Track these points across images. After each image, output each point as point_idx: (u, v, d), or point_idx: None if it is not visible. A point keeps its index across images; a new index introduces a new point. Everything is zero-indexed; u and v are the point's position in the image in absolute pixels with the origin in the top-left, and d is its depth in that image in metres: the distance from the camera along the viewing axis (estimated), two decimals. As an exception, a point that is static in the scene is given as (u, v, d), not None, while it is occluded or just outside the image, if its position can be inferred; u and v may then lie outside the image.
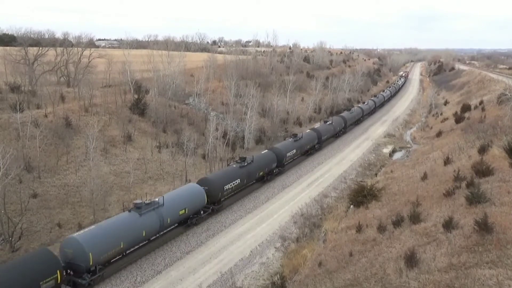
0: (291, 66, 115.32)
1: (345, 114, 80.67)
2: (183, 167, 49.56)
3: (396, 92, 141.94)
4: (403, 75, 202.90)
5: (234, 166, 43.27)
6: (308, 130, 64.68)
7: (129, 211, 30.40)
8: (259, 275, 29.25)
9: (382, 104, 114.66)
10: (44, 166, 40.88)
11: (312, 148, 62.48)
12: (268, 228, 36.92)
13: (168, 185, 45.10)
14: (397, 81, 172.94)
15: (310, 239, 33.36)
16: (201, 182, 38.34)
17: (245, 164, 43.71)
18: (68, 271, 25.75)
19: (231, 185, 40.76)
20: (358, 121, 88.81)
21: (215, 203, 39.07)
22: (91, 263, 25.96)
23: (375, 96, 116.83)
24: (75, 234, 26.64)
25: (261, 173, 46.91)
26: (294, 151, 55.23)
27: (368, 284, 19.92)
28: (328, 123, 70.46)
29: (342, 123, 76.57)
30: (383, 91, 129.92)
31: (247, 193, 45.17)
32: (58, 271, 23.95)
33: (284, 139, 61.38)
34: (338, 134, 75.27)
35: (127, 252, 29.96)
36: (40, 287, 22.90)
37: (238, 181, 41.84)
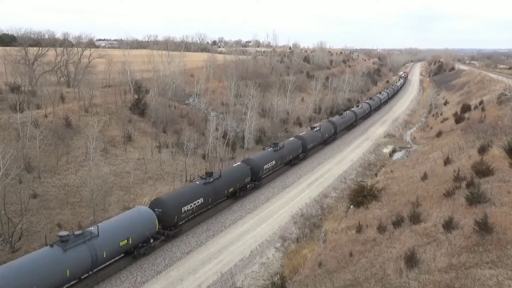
0: (291, 66, 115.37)
1: (335, 119, 73.99)
2: (183, 167, 49.56)
3: (394, 94, 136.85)
4: (403, 75, 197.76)
5: (198, 182, 36.99)
6: (292, 138, 58.27)
7: (51, 245, 24.76)
8: (259, 275, 29.25)
9: (378, 107, 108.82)
10: (44, 166, 40.88)
11: (296, 158, 56.25)
12: (268, 228, 36.92)
13: (168, 185, 45.12)
14: (396, 82, 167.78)
15: (310, 239, 33.37)
16: (154, 204, 32.88)
17: (211, 180, 37.62)
18: None
19: (191, 206, 34.59)
20: (351, 126, 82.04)
21: (171, 227, 33.38)
22: None
23: (370, 98, 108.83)
24: None
25: (231, 190, 40.86)
26: (273, 162, 48.74)
27: (368, 284, 19.92)
28: (315, 129, 63.47)
29: (332, 129, 68.67)
30: (380, 93, 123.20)
31: (212, 213, 39.15)
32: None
33: (263, 149, 55.09)
34: (327, 141, 67.51)
35: None
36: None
37: (200, 200, 35.69)
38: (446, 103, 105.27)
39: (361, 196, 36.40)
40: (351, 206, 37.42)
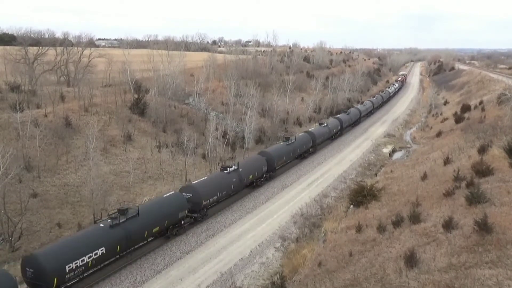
0: (291, 66, 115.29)
1: (314, 129, 63.76)
2: (183, 166, 49.56)
3: (381, 104, 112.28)
4: (399, 79, 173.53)
5: (101, 226, 28.12)
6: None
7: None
8: (259, 275, 29.26)
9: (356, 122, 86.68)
10: (44, 165, 40.87)
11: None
12: (268, 228, 36.93)
13: (168, 185, 45.12)
14: (389, 87, 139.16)
15: (310, 239, 33.36)
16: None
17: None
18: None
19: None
20: (334, 137, 71.77)
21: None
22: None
23: (345, 111, 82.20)
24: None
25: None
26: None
27: (368, 284, 19.93)
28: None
29: (310, 142, 60.74)
30: (362, 104, 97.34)
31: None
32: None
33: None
34: (303, 155, 60.39)
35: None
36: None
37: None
38: (446, 103, 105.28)
39: (361, 196, 36.38)
40: (351, 206, 37.42)
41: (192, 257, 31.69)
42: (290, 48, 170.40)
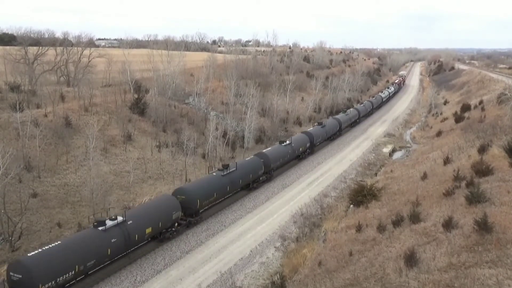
0: (291, 66, 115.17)
1: (293, 138, 56.10)
2: (183, 166, 49.55)
3: (370, 111, 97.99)
4: (396, 81, 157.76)
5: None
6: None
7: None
8: (259, 275, 29.26)
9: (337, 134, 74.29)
10: (44, 165, 40.87)
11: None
12: (268, 227, 36.93)
13: (168, 185, 45.11)
14: (383, 91, 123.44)
15: (310, 239, 33.37)
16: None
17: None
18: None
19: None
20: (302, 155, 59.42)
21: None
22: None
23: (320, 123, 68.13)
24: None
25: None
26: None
27: (368, 284, 19.93)
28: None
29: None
30: (345, 112, 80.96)
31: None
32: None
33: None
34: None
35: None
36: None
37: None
38: (446, 102, 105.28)
39: (361, 195, 36.41)
40: (351, 206, 37.44)
41: (192, 256, 31.69)
42: (290, 48, 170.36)
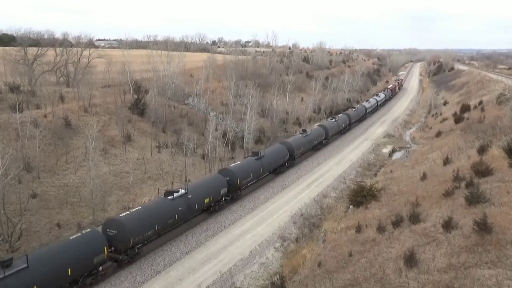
0: (291, 66, 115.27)
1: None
2: (182, 167, 49.55)
3: (340, 130, 75.35)
4: (389, 87, 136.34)
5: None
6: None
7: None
8: (258, 275, 29.26)
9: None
10: (43, 166, 40.85)
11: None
12: (267, 228, 36.91)
13: (168, 185, 45.07)
14: (370, 100, 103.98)
15: (309, 239, 33.39)
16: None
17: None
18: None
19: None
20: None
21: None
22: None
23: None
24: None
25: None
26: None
27: (367, 284, 19.93)
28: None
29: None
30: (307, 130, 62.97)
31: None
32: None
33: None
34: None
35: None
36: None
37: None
38: (445, 103, 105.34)
39: (361, 196, 36.43)
40: (351, 206, 37.45)
41: (191, 257, 31.67)
42: (289, 48, 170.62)
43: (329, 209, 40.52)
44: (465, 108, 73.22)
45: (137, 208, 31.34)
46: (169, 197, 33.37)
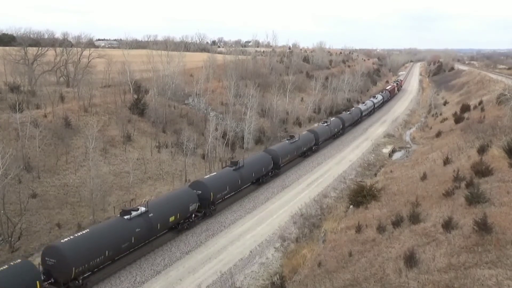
0: (291, 66, 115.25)
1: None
2: (182, 167, 49.56)
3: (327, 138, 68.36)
4: (388, 88, 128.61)
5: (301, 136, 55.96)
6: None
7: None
8: (258, 275, 29.26)
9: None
10: (43, 166, 40.85)
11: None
12: (267, 228, 36.92)
13: (168, 185, 45.11)
14: (366, 102, 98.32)
15: (309, 239, 33.39)
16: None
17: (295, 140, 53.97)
18: None
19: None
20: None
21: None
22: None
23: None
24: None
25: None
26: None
27: (367, 284, 19.93)
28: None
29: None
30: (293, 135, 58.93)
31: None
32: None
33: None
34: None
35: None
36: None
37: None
38: (445, 103, 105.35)
39: (361, 196, 36.43)
40: (351, 206, 37.44)
41: (191, 257, 31.67)
42: (289, 48, 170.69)
43: (329, 209, 40.51)
44: (465, 108, 73.24)
45: (85, 231, 27.46)
46: (125, 217, 29.28)
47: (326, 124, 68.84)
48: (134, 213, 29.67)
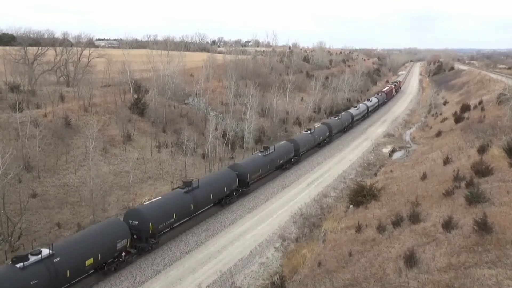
0: (291, 66, 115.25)
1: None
2: (182, 166, 49.55)
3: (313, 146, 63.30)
4: (384, 90, 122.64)
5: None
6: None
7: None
8: (258, 275, 29.26)
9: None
10: (43, 165, 40.84)
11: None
12: (267, 228, 36.92)
13: (168, 185, 45.07)
14: (359, 106, 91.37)
15: (309, 239, 33.39)
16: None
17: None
18: None
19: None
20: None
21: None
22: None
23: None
24: None
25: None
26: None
27: (367, 284, 19.93)
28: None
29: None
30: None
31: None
32: None
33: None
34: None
35: None
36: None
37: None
38: (445, 103, 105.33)
39: (361, 196, 36.43)
40: (351, 206, 37.45)
41: (191, 257, 31.68)
42: (289, 48, 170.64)
43: (329, 208, 40.51)
44: (465, 108, 73.19)
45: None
46: (17, 265, 22.07)
47: (309, 132, 62.22)
48: (32, 258, 22.73)
